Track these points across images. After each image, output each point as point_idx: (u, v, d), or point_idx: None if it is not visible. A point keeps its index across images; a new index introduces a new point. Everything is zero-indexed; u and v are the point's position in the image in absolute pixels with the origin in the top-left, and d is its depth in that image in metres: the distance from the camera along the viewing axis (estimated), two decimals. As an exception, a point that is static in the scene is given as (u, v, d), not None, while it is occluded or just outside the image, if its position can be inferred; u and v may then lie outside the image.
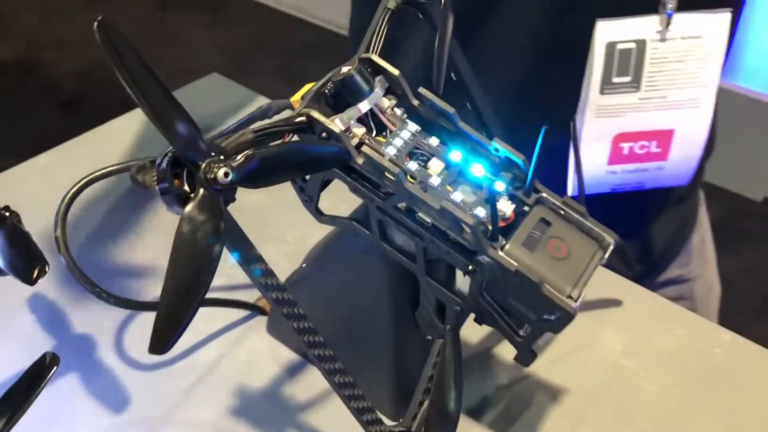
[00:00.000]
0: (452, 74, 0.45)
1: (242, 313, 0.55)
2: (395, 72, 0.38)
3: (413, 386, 0.43)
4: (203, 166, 0.30)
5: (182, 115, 0.29)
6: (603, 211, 0.61)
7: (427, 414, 0.39)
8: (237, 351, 0.53)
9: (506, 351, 0.52)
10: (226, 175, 0.30)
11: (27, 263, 0.38)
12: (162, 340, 0.29)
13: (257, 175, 0.31)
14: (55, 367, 0.34)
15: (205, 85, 0.81)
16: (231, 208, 0.65)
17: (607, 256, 0.37)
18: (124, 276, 0.55)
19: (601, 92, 0.55)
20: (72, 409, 0.48)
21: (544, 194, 0.38)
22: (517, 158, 0.38)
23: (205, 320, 0.54)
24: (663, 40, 0.54)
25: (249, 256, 0.34)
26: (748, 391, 0.50)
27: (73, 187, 0.44)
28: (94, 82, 2.29)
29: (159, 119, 0.29)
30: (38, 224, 0.44)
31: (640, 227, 0.66)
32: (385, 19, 0.40)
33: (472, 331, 0.52)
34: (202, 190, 0.30)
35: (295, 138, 0.37)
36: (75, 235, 0.46)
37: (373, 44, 0.39)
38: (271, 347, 0.53)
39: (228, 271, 0.58)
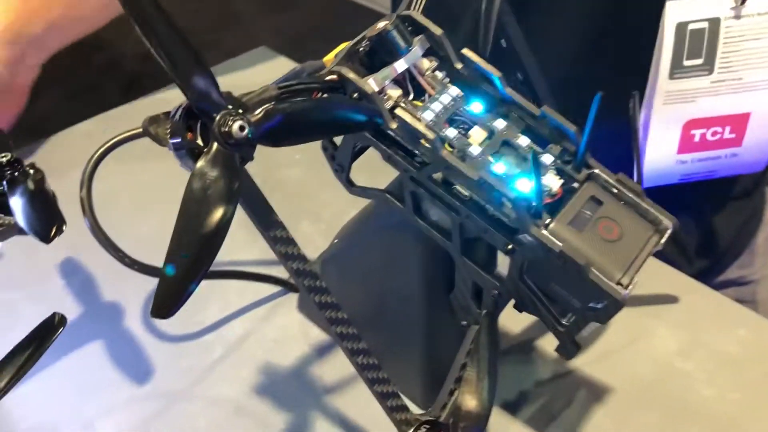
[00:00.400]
0: (502, 41, 0.42)
1: (274, 288, 0.53)
2: (438, 31, 0.35)
3: (445, 374, 0.40)
4: (218, 118, 0.27)
5: (199, 64, 0.27)
6: (660, 202, 0.57)
7: (457, 404, 0.36)
8: (266, 328, 0.51)
9: (549, 342, 0.48)
10: (241, 129, 0.27)
11: (45, 222, 0.36)
12: (166, 304, 0.27)
13: (277, 132, 0.29)
14: (62, 328, 0.32)
15: (253, 57, 0.79)
16: (269, 182, 0.64)
17: (663, 241, 0.34)
18: (152, 243, 0.54)
19: (671, 77, 0.50)
20: (96, 379, 0.47)
21: (597, 170, 0.34)
22: (569, 128, 0.34)
23: (235, 294, 0.53)
24: (738, 17, 0.49)
25: (267, 222, 0.31)
26: (816, 403, 0.46)
27: (100, 148, 0.42)
28: (157, 62, 2.32)
29: (172, 65, 0.26)
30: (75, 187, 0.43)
31: (700, 221, 0.62)
32: (429, -25, 0.37)
33: (512, 319, 0.49)
34: (215, 145, 0.27)
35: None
36: (106, 200, 0.44)
37: (414, 1, 0.36)
38: (301, 326, 0.51)
39: (262, 244, 0.56)
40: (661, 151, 0.53)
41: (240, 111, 0.28)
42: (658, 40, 0.50)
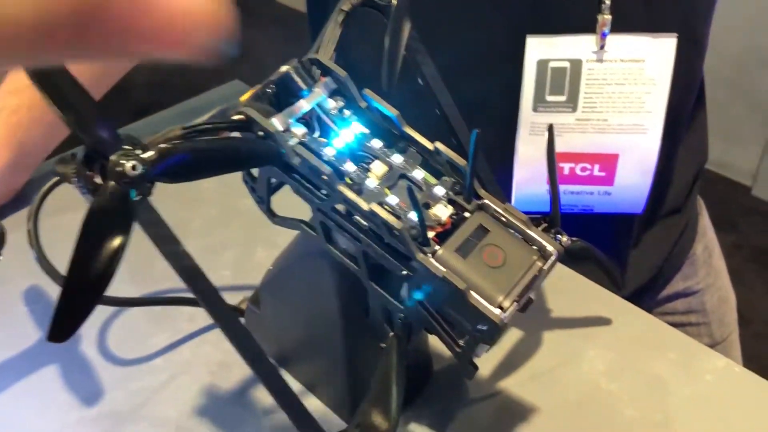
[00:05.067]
0: (419, 79, 0.44)
1: (223, 314, 0.55)
2: (342, 73, 0.38)
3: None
4: (113, 158, 0.30)
5: (92, 107, 0.30)
6: (591, 225, 0.59)
7: (364, 422, 0.38)
8: (213, 351, 0.53)
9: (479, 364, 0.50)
10: (134, 168, 0.30)
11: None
12: (61, 330, 0.29)
13: (174, 170, 0.32)
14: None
15: (226, 91, 0.83)
16: (226, 211, 0.67)
17: (548, 266, 0.36)
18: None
19: (535, 110, 0.53)
20: (49, 401, 0.50)
21: (487, 201, 0.37)
22: (458, 163, 0.36)
23: (186, 321, 0.55)
24: (600, 60, 0.52)
25: (171, 252, 0.34)
26: (735, 425, 0.47)
27: (46, 185, 0.46)
28: (166, 91, 2.38)
29: (67, 110, 0.29)
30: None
31: (632, 241, 0.63)
32: (339, 21, 0.40)
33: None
34: (111, 183, 0.30)
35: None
36: (55, 229, 0.47)
37: (323, 46, 0.39)
38: (246, 349, 0.53)
39: (215, 273, 0.59)
40: (533, 179, 0.56)
41: (137, 151, 0.31)
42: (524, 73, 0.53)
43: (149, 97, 2.34)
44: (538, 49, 0.52)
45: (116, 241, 0.30)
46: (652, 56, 0.52)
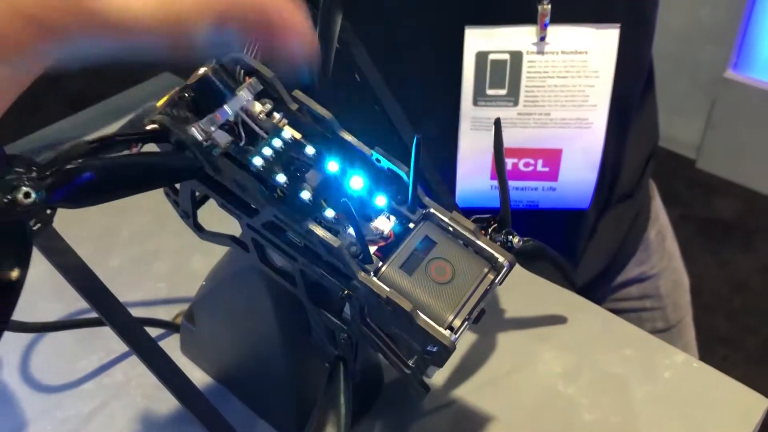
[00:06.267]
0: (356, 75, 0.41)
1: (157, 331, 0.52)
2: (269, 73, 0.34)
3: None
4: (0, 183, 0.26)
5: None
6: (542, 217, 0.57)
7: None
8: (147, 373, 0.49)
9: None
10: (26, 196, 0.26)
11: None
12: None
13: (78, 194, 0.28)
14: None
15: (156, 84, 0.78)
16: (160, 217, 0.62)
17: (499, 279, 0.33)
18: (31, 294, 0.53)
19: (475, 104, 0.50)
20: (-34, 435, 0.46)
21: (432, 210, 0.34)
22: (401, 169, 0.33)
23: (117, 340, 0.51)
24: (541, 53, 0.49)
25: (84, 281, 0.30)
26: (696, 421, 0.45)
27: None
28: (100, 80, 2.29)
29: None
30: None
31: (586, 229, 0.62)
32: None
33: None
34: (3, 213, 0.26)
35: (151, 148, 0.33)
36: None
37: (248, 44, 0.35)
38: (184, 368, 0.49)
39: (145, 289, 0.55)
40: (475, 175, 0.54)
41: (32, 174, 0.27)
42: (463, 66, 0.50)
43: (83, 86, 2.24)
44: (477, 40, 0.49)
45: (10, 277, 0.26)
46: (595, 48, 0.50)
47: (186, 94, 0.34)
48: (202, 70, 0.33)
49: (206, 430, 0.35)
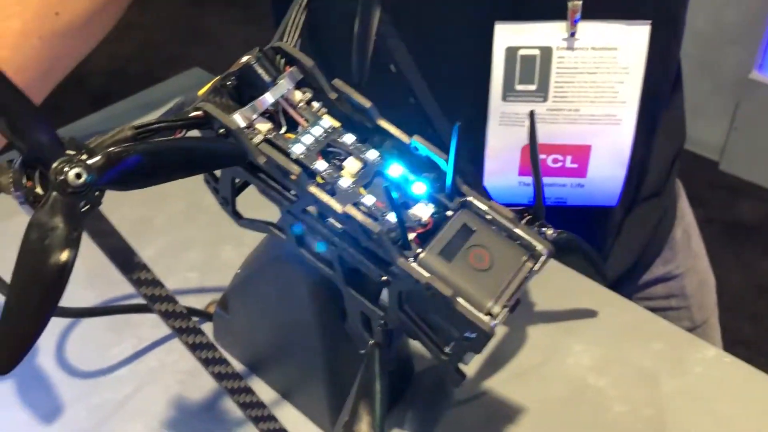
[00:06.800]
0: (391, 66, 0.41)
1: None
2: (309, 62, 0.35)
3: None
4: (54, 166, 0.27)
5: (28, 109, 0.26)
6: (569, 215, 0.57)
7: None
8: (180, 360, 0.50)
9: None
10: (78, 176, 0.27)
11: None
12: (6, 358, 0.26)
13: (125, 177, 0.28)
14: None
15: (186, 79, 0.79)
16: (192, 208, 0.63)
17: (538, 267, 0.33)
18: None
19: (504, 99, 0.50)
20: (4, 422, 0.46)
21: (470, 198, 0.34)
22: (440, 158, 0.34)
23: (149, 328, 0.52)
24: (571, 48, 0.49)
25: (128, 265, 0.31)
26: (727, 416, 0.45)
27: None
28: (124, 79, 2.30)
29: (3, 119, 0.26)
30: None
31: (613, 227, 0.62)
32: (302, 6, 0.36)
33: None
34: (54, 193, 0.27)
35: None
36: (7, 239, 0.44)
37: (287, 32, 0.36)
38: (216, 356, 0.50)
39: (176, 277, 0.56)
40: (502, 171, 0.54)
41: (83, 157, 0.27)
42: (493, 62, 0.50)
43: (107, 85, 2.26)
44: (507, 36, 0.49)
45: (62, 258, 0.27)
46: (625, 44, 0.50)
47: (228, 82, 0.34)
48: (245, 58, 0.34)
49: (245, 416, 0.35)
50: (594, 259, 0.47)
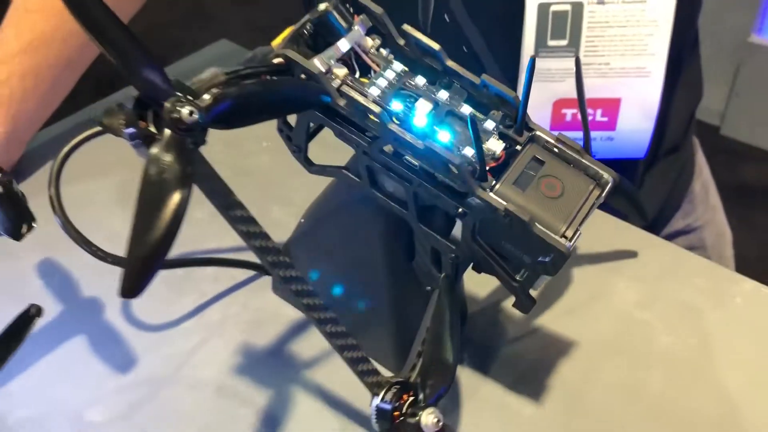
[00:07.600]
0: (445, 16, 0.43)
1: (247, 273, 0.54)
2: (378, 10, 0.37)
3: (413, 338, 0.42)
4: (168, 105, 0.29)
5: (144, 54, 0.28)
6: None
7: (424, 364, 0.38)
8: (242, 311, 0.52)
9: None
10: (190, 114, 0.29)
11: (14, 221, 0.37)
12: (133, 284, 0.28)
13: (227, 116, 0.30)
14: (38, 318, 0.33)
15: (215, 51, 0.80)
16: (238, 170, 0.65)
17: (605, 194, 0.35)
18: (125, 237, 0.56)
19: (536, 55, 0.52)
20: (81, 371, 0.48)
21: (538, 132, 0.36)
22: (508, 94, 0.36)
23: (210, 282, 0.54)
24: (601, 3, 0.51)
25: (226, 202, 0.33)
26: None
27: (66, 146, 0.44)
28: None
29: (120, 60, 0.28)
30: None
31: (635, 182, 0.64)
32: (368, -43, 0.38)
33: (480, 285, 0.51)
34: (167, 131, 0.29)
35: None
36: (80, 198, 0.45)
37: (354, -17, 0.38)
38: (276, 307, 0.52)
39: (234, 233, 0.58)
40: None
41: (189, 97, 0.29)
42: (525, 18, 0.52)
43: (111, 72, 2.26)
44: None
45: (179, 192, 0.29)
46: None
47: (305, 30, 0.36)
48: (323, 6, 0.35)
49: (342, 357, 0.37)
50: (636, 199, 0.49)
